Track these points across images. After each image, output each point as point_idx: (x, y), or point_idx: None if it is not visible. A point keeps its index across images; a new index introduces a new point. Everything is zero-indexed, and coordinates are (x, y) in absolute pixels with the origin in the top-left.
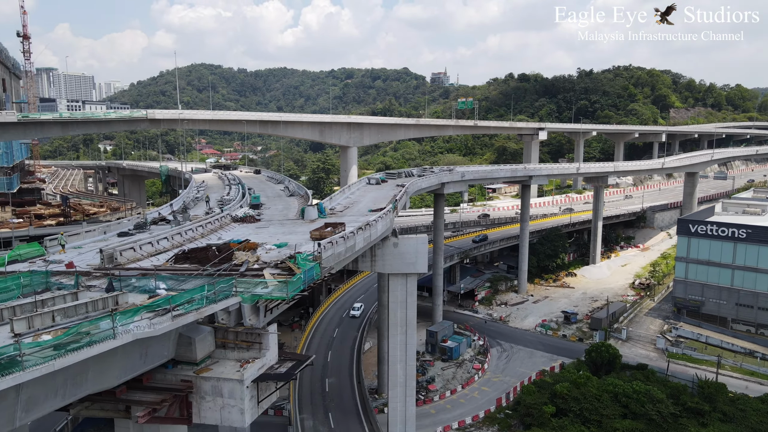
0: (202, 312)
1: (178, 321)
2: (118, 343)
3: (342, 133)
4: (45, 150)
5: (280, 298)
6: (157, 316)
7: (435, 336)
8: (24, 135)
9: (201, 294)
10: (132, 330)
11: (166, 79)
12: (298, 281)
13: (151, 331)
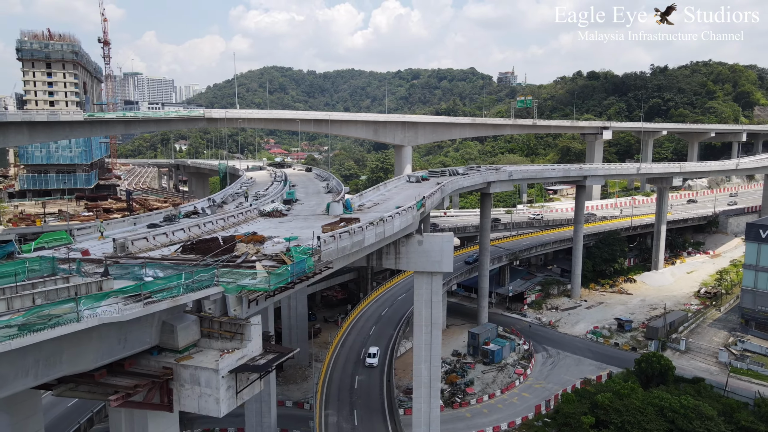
0: (177, 300)
1: (149, 308)
2: (82, 327)
3: (396, 132)
4: (126, 149)
5: (262, 289)
6: (133, 302)
7: (477, 338)
8: (90, 132)
9: (177, 282)
10: (98, 314)
11: (240, 81)
12: (283, 273)
13: (118, 316)
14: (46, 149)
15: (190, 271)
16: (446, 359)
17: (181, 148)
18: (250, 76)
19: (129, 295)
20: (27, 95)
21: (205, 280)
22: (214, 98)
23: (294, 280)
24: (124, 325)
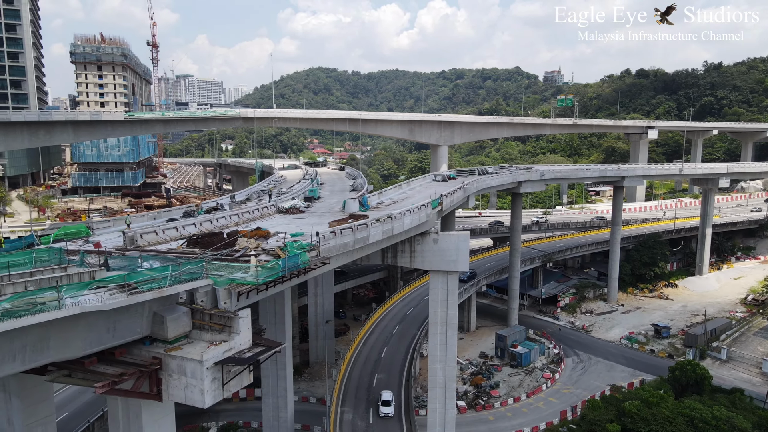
0: (163, 291)
1: (132, 298)
2: (63, 314)
3: (432, 132)
4: (176, 149)
5: (250, 283)
6: (120, 292)
7: (504, 340)
8: (131, 131)
9: (164, 274)
10: (80, 303)
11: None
12: (274, 268)
13: (101, 305)
14: (96, 148)
15: (178, 264)
16: (473, 361)
17: (227, 148)
18: (296, 77)
19: (118, 285)
20: (79, 96)
21: (193, 273)
22: (260, 99)
23: (286, 274)
24: (112, 314)
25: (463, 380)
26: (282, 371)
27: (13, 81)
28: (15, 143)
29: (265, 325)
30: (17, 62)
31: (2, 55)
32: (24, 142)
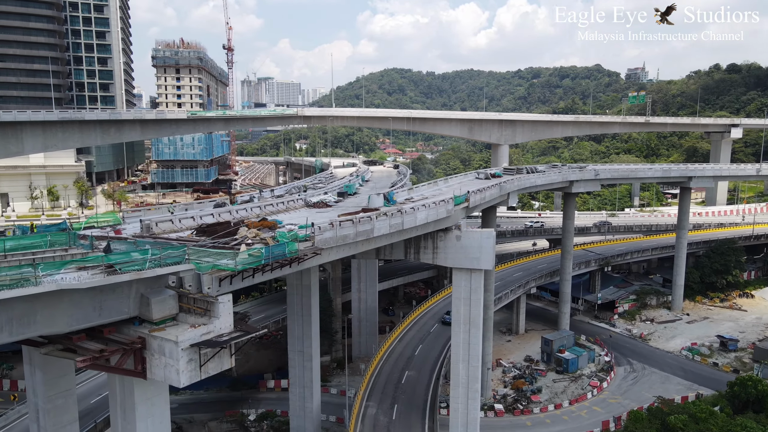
0: (142, 274)
1: (110, 278)
2: (39, 290)
3: (492, 131)
4: (253, 148)
5: (229, 269)
6: (103, 273)
7: (550, 345)
8: (193, 129)
9: (143, 257)
10: (56, 280)
11: (361, 83)
12: (257, 256)
13: (77, 284)
14: (173, 147)
15: (158, 248)
16: (516, 364)
17: (301, 147)
18: (371, 78)
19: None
20: (159, 98)
21: (176, 257)
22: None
23: (271, 262)
24: (98, 294)
25: (504, 383)
26: (308, 362)
27: (102, 84)
28: (89, 140)
29: (292, 318)
30: (106, 66)
31: (92, 60)
32: (97, 138)
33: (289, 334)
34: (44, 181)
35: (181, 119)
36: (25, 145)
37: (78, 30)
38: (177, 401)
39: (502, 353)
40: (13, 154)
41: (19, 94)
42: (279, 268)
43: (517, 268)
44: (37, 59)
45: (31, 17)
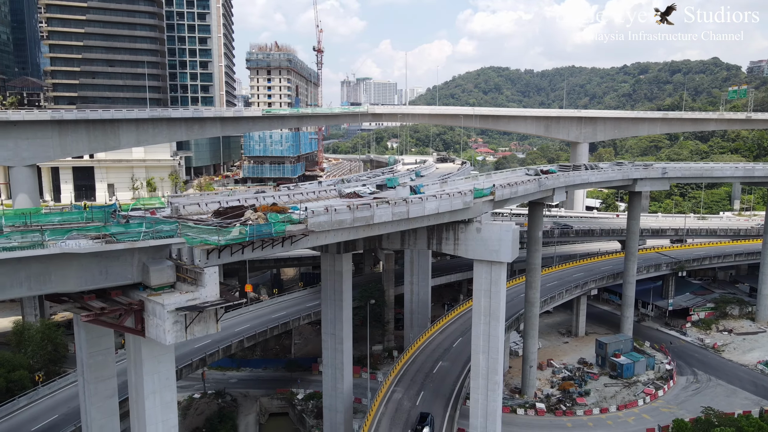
0: (135, 244)
1: (107, 246)
2: (44, 252)
3: (571, 128)
4: (346, 146)
5: (213, 243)
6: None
7: (604, 348)
8: (269, 126)
9: (138, 230)
10: (60, 245)
11: (457, 83)
12: (242, 234)
13: (77, 249)
14: (263, 144)
15: (152, 222)
16: (568, 366)
17: (392, 146)
18: (467, 78)
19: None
20: (251, 98)
21: (168, 232)
22: (431, 99)
23: (253, 239)
24: (103, 260)
25: (552, 384)
26: (339, 345)
27: (203, 86)
28: (175, 135)
29: (326, 302)
30: (206, 70)
31: (195, 65)
32: (182, 134)
33: (323, 318)
34: (144, 173)
35: (257, 116)
36: (122, 139)
37: (183, 37)
38: (236, 377)
39: (555, 354)
40: (111, 148)
41: (125, 96)
42: (270, 246)
43: (579, 269)
44: (140, 64)
45: (137, 27)
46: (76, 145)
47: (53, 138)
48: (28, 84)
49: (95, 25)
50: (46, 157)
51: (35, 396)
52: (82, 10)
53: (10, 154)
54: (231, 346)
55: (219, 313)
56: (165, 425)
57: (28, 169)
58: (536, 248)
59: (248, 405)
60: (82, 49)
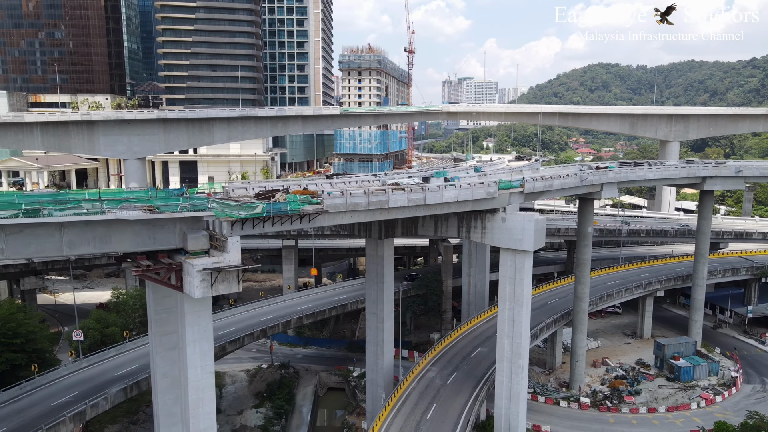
0: (173, 215)
1: (153, 215)
2: (103, 218)
3: (659, 126)
4: (441, 146)
5: (234, 216)
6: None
7: (662, 350)
8: (346, 123)
9: (176, 203)
10: (115, 213)
11: (561, 81)
12: (255, 208)
13: (124, 215)
14: (352, 142)
15: (187, 197)
16: (624, 365)
17: (488, 146)
18: (572, 75)
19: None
20: (343, 98)
21: (200, 206)
22: (533, 98)
23: (272, 215)
24: (152, 227)
25: (602, 381)
26: (380, 324)
27: (299, 87)
28: (262, 132)
29: (369, 284)
30: (303, 72)
31: (293, 67)
32: (268, 131)
33: (367, 298)
34: (239, 167)
35: (335, 115)
36: (215, 136)
37: (283, 42)
38: (302, 353)
39: (614, 354)
40: (206, 143)
41: (224, 97)
42: (289, 221)
43: (646, 269)
44: (239, 69)
45: (237, 35)
46: (177, 140)
47: (158, 134)
48: (153, 88)
49: (201, 34)
50: (152, 151)
51: (123, 349)
52: (191, 21)
53: (124, 149)
54: (290, 322)
55: (240, 275)
56: (203, 370)
57: (139, 161)
58: (585, 243)
59: (309, 378)
60: (190, 56)
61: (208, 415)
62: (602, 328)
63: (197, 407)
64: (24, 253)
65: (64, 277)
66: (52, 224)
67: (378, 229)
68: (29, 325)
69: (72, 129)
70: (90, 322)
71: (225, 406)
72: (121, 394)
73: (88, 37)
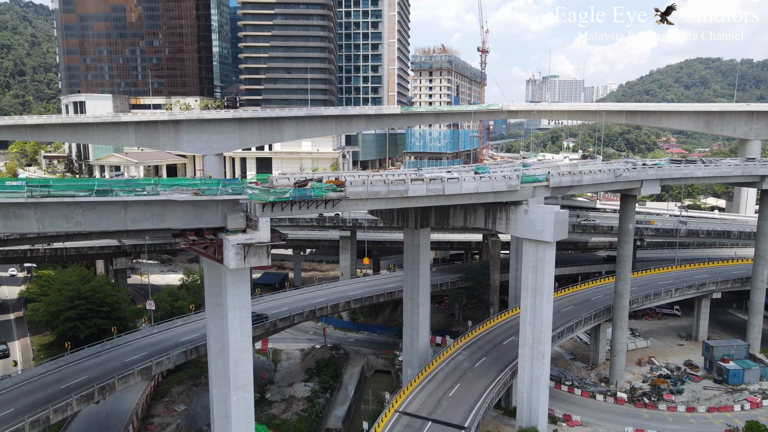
0: (215, 198)
1: (197, 197)
2: (157, 198)
3: (738, 124)
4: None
5: (263, 199)
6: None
7: (711, 351)
8: (407, 122)
9: (218, 187)
10: (166, 194)
11: (654, 77)
12: (283, 192)
13: (174, 196)
14: (423, 140)
15: (225, 183)
16: (670, 365)
17: (568, 145)
18: (667, 72)
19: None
20: (414, 98)
21: (237, 190)
22: (622, 96)
23: (295, 199)
24: (198, 207)
25: (644, 379)
26: (416, 308)
27: (373, 88)
28: (327, 130)
29: (407, 271)
30: (376, 73)
31: (367, 69)
32: (332, 129)
33: (404, 285)
34: (310, 164)
35: (396, 113)
36: (284, 133)
37: (358, 45)
38: (354, 337)
39: (663, 354)
40: (276, 140)
41: (298, 98)
42: (314, 206)
43: (703, 271)
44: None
45: (311, 38)
46: (250, 137)
47: (234, 132)
48: (238, 90)
49: (278, 39)
50: (228, 147)
51: (188, 320)
52: (269, 27)
53: (204, 145)
54: (338, 305)
55: (269, 250)
56: (242, 334)
57: (216, 157)
58: (626, 240)
59: (358, 360)
60: (267, 60)
61: (245, 373)
62: (656, 328)
63: (237, 366)
64: (97, 226)
65: (153, 261)
66: (118, 202)
67: (414, 219)
68: (115, 296)
69: (160, 127)
70: (163, 296)
71: (278, 379)
72: (181, 356)
73: (181, 44)
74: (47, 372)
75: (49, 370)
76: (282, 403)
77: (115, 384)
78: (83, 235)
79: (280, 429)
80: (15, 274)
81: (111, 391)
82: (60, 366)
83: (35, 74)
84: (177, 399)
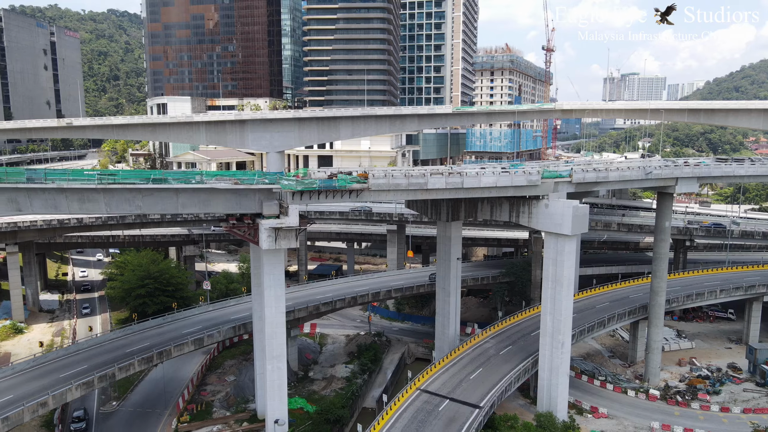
0: (252, 187)
1: (236, 186)
2: (202, 186)
3: None
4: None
5: (291, 188)
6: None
7: (754, 354)
8: (458, 121)
9: (254, 177)
10: (211, 183)
11: (745, 73)
12: (311, 183)
13: (217, 185)
14: (483, 140)
15: (261, 174)
16: (711, 367)
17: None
18: (761, 67)
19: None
20: (474, 97)
21: (271, 180)
22: (708, 94)
23: (321, 189)
24: (239, 195)
25: (682, 378)
26: (447, 297)
27: (435, 88)
28: (381, 129)
29: (439, 262)
30: (439, 73)
31: (429, 69)
32: (386, 128)
33: (437, 275)
34: (368, 162)
35: (447, 113)
36: (341, 132)
37: (421, 45)
38: (398, 326)
39: (707, 356)
40: (333, 139)
41: (358, 98)
42: (339, 195)
43: (756, 273)
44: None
45: (370, 41)
46: (309, 136)
47: (294, 131)
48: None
49: (340, 42)
50: (289, 145)
51: (240, 300)
52: (332, 31)
53: (267, 143)
54: (379, 293)
55: (298, 233)
56: (276, 309)
57: (278, 154)
58: (662, 238)
59: (399, 347)
60: (330, 62)
61: (279, 345)
62: (706, 331)
63: (272, 338)
64: (154, 209)
65: (220, 251)
66: (171, 189)
67: (446, 212)
68: (180, 278)
69: (228, 126)
70: (219, 278)
71: (322, 360)
72: (230, 331)
73: (253, 49)
74: (116, 338)
75: (119, 335)
76: (323, 381)
77: (171, 350)
78: (155, 223)
79: (317, 403)
80: (102, 258)
81: (168, 356)
82: (127, 333)
83: (128, 79)
84: (228, 371)
